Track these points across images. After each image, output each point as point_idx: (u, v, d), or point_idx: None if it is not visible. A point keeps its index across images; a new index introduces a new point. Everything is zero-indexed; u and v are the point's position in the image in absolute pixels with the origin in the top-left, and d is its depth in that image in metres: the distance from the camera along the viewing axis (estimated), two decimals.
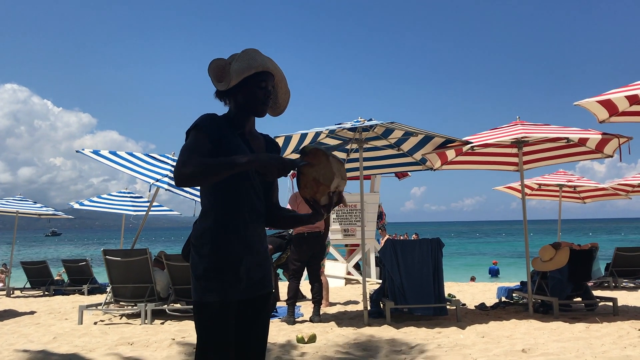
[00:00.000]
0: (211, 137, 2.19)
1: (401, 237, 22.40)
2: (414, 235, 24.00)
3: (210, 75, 2.31)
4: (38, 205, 14.51)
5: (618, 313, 7.27)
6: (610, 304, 7.52)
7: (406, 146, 8.29)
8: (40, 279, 12.99)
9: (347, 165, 9.23)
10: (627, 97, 6.17)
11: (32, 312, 8.89)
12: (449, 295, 8.73)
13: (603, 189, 12.67)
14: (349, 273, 13.54)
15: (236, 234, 2.22)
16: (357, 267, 14.51)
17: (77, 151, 8.45)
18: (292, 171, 2.31)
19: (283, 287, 10.40)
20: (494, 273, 23.80)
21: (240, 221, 2.24)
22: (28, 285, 13.18)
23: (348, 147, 8.70)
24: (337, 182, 2.14)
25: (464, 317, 7.27)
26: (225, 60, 2.34)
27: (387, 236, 15.46)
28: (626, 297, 9.31)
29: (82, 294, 12.18)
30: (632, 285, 11.56)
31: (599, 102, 6.24)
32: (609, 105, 6.42)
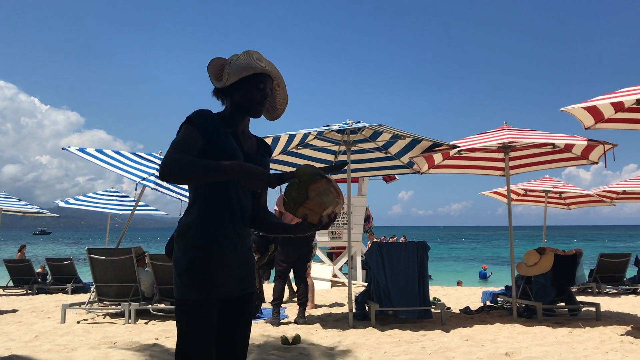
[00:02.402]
0: (203, 132, 2.17)
1: (390, 240, 22.45)
2: (402, 238, 24.07)
3: (209, 73, 2.31)
4: (23, 202, 14.36)
5: (601, 318, 7.34)
6: (593, 309, 7.59)
7: (394, 149, 8.31)
8: (23, 278, 12.84)
9: None
10: (612, 104, 6.24)
11: (14, 311, 8.79)
12: (434, 298, 8.76)
13: (588, 195, 12.78)
14: (335, 275, 13.53)
15: (220, 231, 2.20)
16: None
17: (63, 148, 8.38)
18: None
19: (268, 288, 10.37)
20: (483, 277, 24.02)
21: (226, 219, 2.21)
22: (11, 284, 13.02)
23: (336, 148, 8.70)
24: (334, 208, 2.13)
25: (449, 320, 7.29)
26: (226, 59, 2.34)
27: (374, 239, 15.48)
28: (609, 303, 9.40)
29: (66, 293, 12.07)
30: (615, 291, 11.67)
31: (585, 108, 6.30)
32: (594, 111, 6.48)
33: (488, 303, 8.79)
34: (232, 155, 2.19)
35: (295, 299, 7.13)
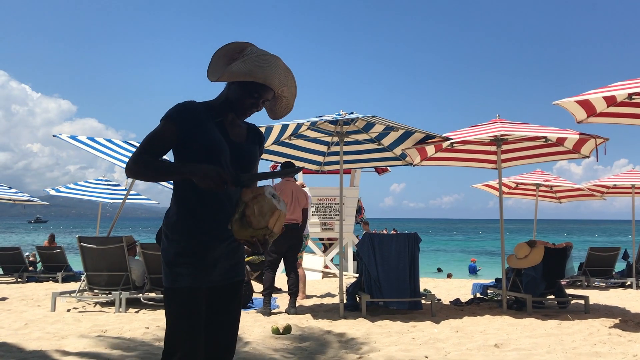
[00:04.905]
0: (182, 127, 2.17)
1: (382, 232, 22.47)
2: (392, 230, 24.09)
3: (217, 54, 2.28)
4: (13, 190, 14.26)
5: (589, 311, 7.40)
6: (582, 302, 7.65)
7: (387, 141, 8.30)
8: (13, 265, 12.75)
9: (328, 159, 9.23)
10: (604, 98, 6.25)
11: (3, 299, 8.74)
12: (425, 290, 8.80)
13: (579, 189, 12.85)
14: (326, 266, 13.56)
15: (207, 221, 2.20)
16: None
17: (54, 135, 8.34)
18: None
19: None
20: (473, 270, 24.07)
21: (212, 208, 2.21)
22: (0, 272, 12.94)
23: (329, 139, 8.69)
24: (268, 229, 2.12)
25: (439, 312, 7.32)
26: (249, 45, 2.29)
27: (369, 230, 15.49)
28: (597, 296, 9.47)
29: (56, 281, 12.00)
30: (603, 284, 11.76)
31: (577, 102, 6.30)
32: (587, 105, 6.49)
33: (478, 295, 8.83)
34: (215, 147, 2.19)
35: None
